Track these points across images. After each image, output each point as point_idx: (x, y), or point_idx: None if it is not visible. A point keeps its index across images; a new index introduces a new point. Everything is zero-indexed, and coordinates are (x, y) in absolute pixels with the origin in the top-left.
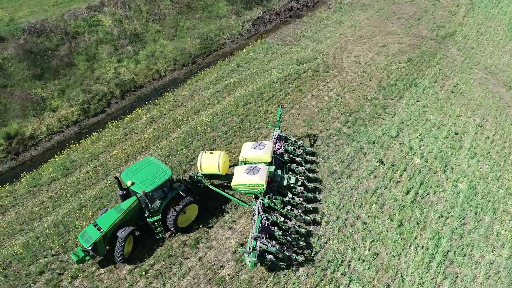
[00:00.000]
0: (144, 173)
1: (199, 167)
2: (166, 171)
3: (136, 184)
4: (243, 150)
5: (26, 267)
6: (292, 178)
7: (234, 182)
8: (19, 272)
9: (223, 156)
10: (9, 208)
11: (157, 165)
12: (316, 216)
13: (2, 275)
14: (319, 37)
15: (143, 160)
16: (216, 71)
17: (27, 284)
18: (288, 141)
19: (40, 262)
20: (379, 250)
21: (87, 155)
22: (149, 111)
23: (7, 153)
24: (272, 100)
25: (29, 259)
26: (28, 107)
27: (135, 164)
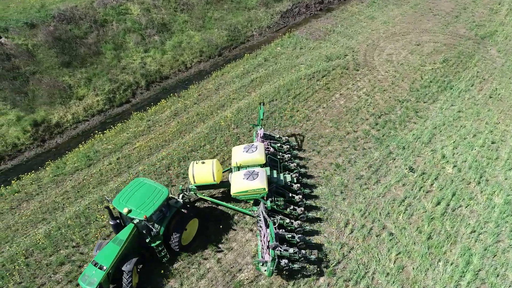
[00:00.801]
0: (139, 196)
1: (192, 179)
2: (162, 190)
3: (134, 210)
4: (234, 155)
5: (48, 257)
6: (288, 177)
7: (234, 190)
8: (41, 261)
9: (216, 164)
10: (33, 196)
11: (150, 185)
12: (339, 223)
13: (25, 264)
14: (350, 32)
15: (133, 182)
16: (243, 64)
17: (47, 275)
18: (273, 139)
19: (61, 253)
20: (405, 263)
21: (110, 146)
22: (173, 104)
23: (33, 139)
24: (299, 98)
25: (51, 250)
26: (55, 95)
27: (125, 189)
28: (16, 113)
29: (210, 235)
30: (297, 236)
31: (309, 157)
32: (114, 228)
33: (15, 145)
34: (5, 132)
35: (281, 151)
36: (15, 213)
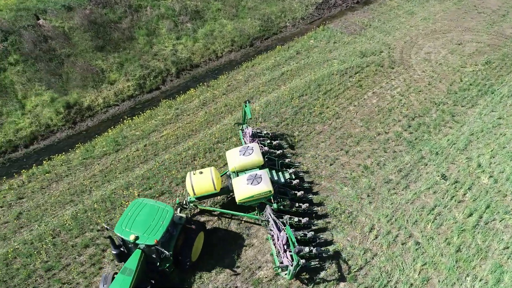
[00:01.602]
0: (142, 219)
1: (191, 191)
2: (166, 208)
3: (141, 236)
4: (230, 160)
5: (73, 238)
6: (286, 174)
7: (239, 197)
8: (67, 242)
9: (214, 171)
10: (62, 177)
11: (152, 205)
12: (364, 228)
13: (52, 243)
14: (387, 28)
15: (132, 205)
16: (274, 56)
17: (72, 256)
18: (261, 136)
19: (86, 235)
20: (430, 275)
21: (138, 133)
22: (202, 93)
23: (65, 121)
24: (330, 94)
25: (77, 231)
26: (88, 78)
27: (125, 213)
28: (51, 95)
29: (231, 230)
30: (309, 233)
31: (336, 157)
32: (117, 257)
33: (48, 125)
34: (39, 112)
35: (270, 147)
36: (45, 192)
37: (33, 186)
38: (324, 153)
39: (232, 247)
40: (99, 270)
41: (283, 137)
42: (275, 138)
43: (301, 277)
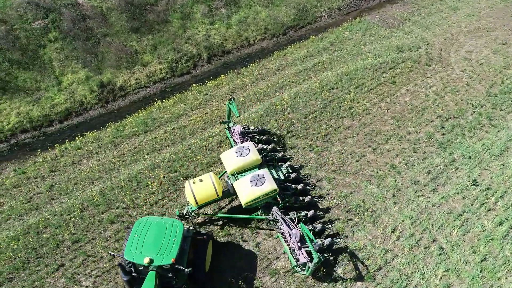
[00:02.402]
0: (152, 239)
1: (193, 200)
2: (175, 223)
3: (155, 257)
4: (227, 162)
5: (100, 214)
6: (284, 169)
7: (245, 200)
8: (93, 217)
9: (214, 177)
10: (93, 154)
11: (159, 222)
12: (386, 228)
13: (80, 217)
14: (428, 23)
15: (137, 225)
16: (307, 46)
17: (98, 230)
18: (250, 133)
19: (112, 212)
20: (452, 282)
21: (167, 115)
22: (232, 80)
23: (98, 100)
24: (361, 89)
25: (103, 207)
26: (122, 59)
27: (131, 236)
28: (86, 73)
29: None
30: (318, 226)
31: (363, 153)
32: (128, 284)
33: (82, 103)
34: (74, 89)
35: (261, 142)
36: (76, 168)
37: (65, 160)
38: (351, 149)
39: (252, 235)
40: (122, 246)
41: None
42: (262, 132)
43: (318, 272)
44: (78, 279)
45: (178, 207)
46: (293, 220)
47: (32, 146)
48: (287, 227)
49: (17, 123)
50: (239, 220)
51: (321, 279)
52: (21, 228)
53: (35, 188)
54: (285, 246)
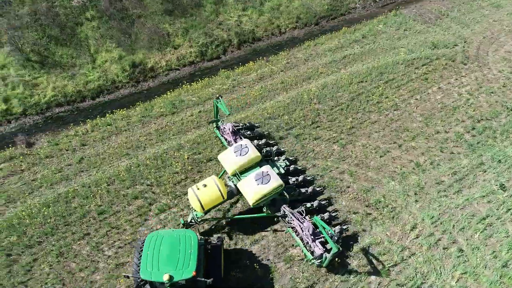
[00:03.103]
0: (167, 253)
1: (199, 207)
2: (187, 234)
3: (174, 273)
4: (227, 162)
5: (125, 189)
6: (282, 162)
7: (253, 200)
8: (119, 191)
9: (218, 180)
10: (121, 131)
11: (170, 235)
12: (405, 226)
13: (106, 190)
14: (467, 20)
15: (149, 240)
16: (338, 38)
17: (122, 204)
18: (240, 129)
19: (136, 188)
20: (469, 285)
21: (195, 98)
22: (260, 67)
23: (129, 79)
24: (391, 84)
25: (129, 183)
26: (154, 40)
27: (144, 253)
28: (119, 52)
29: None
30: (326, 215)
31: (388, 149)
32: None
33: (114, 81)
34: (107, 68)
35: (253, 138)
36: (105, 143)
37: (95, 135)
38: (376, 144)
39: (269, 222)
40: (144, 221)
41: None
42: (252, 127)
43: (333, 263)
44: (101, 248)
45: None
46: (302, 213)
47: (66, 120)
48: (297, 220)
49: (53, 97)
50: (245, 221)
51: (335, 270)
52: (51, 196)
53: (66, 160)
54: (297, 240)
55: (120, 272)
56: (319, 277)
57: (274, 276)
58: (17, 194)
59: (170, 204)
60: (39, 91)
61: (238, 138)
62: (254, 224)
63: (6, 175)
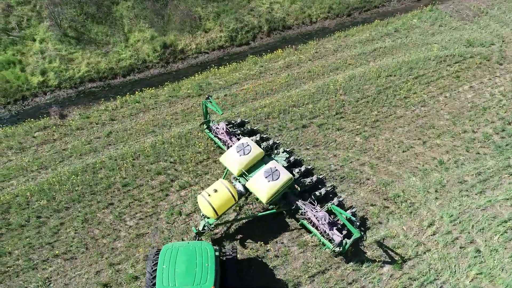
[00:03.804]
0: (183, 268)
1: (212, 213)
2: (203, 246)
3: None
4: (231, 163)
5: (149, 164)
6: (282, 155)
7: (267, 197)
8: (143, 166)
9: (226, 182)
10: (149, 109)
11: (186, 248)
12: (423, 222)
13: (131, 164)
14: (507, 18)
15: (164, 254)
16: (369, 30)
17: (146, 179)
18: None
19: (160, 164)
20: (483, 286)
21: (221, 82)
22: (288, 55)
23: (160, 59)
24: (421, 80)
25: (153, 159)
26: (186, 23)
27: (159, 268)
28: (151, 33)
29: None
30: (335, 201)
31: (411, 145)
32: None
33: (145, 61)
34: (139, 47)
35: (245, 134)
36: (133, 119)
37: (124, 111)
38: (399, 139)
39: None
40: (165, 196)
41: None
42: (242, 124)
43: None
44: (123, 218)
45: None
46: (313, 203)
47: (97, 95)
48: (310, 211)
49: (86, 72)
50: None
51: (348, 259)
52: (80, 166)
53: (95, 133)
54: (313, 231)
55: (140, 242)
56: (331, 264)
57: (287, 258)
58: (49, 162)
59: (191, 182)
60: (74, 66)
61: (233, 137)
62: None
63: (40, 143)
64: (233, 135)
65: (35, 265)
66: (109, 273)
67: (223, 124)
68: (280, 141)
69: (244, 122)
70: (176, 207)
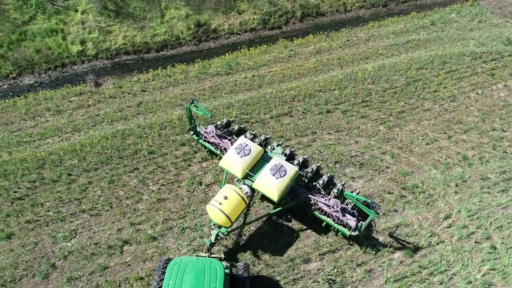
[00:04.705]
0: (190, 286)
1: (226, 221)
2: (213, 265)
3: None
4: (234, 166)
5: (174, 135)
6: (278, 149)
7: (278, 194)
8: (169, 137)
9: (233, 186)
10: (179, 84)
11: (195, 264)
12: (439, 214)
13: (158, 133)
14: None
15: (171, 268)
16: (404, 22)
17: (170, 148)
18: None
19: (184, 136)
20: (495, 282)
21: (250, 63)
22: (319, 42)
23: (193, 37)
24: (453, 75)
25: (178, 130)
26: (220, 3)
27: (165, 282)
28: (187, 11)
29: None
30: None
31: (436, 138)
32: None
33: (178, 38)
34: (174, 24)
35: (233, 134)
36: (162, 92)
37: (155, 84)
38: (424, 131)
39: None
40: (188, 166)
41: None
42: (228, 124)
43: None
44: (147, 183)
45: None
46: (320, 192)
47: (131, 67)
48: (323, 200)
49: (122, 45)
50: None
51: (359, 241)
52: (110, 131)
53: (127, 102)
54: (326, 220)
55: (160, 206)
56: (342, 244)
57: (299, 235)
58: (82, 125)
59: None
60: (111, 38)
61: (225, 139)
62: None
63: (75, 107)
64: (224, 137)
65: (64, 217)
66: (130, 231)
67: (211, 127)
68: (270, 136)
69: (230, 122)
70: (197, 177)
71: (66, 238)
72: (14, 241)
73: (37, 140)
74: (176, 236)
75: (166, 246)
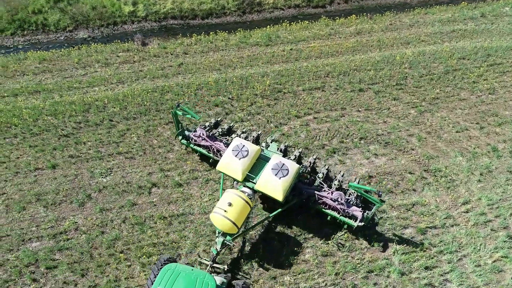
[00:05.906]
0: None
1: (233, 228)
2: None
3: None
4: (233, 169)
5: (209, 96)
6: (273, 145)
7: (282, 194)
8: (204, 97)
9: (235, 191)
10: (219, 50)
11: (188, 275)
12: (458, 198)
13: (194, 93)
14: None
15: (164, 273)
16: (453, 11)
17: (204, 107)
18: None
19: (219, 98)
20: (505, 268)
21: (290, 37)
22: (361, 23)
23: (237, 8)
24: (496, 68)
25: (213, 92)
26: None
27: (155, 285)
28: None
29: None
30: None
31: (467, 127)
32: None
33: (223, 7)
34: None
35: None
36: (203, 56)
37: (196, 48)
38: (456, 119)
39: None
40: None
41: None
42: (217, 124)
43: None
44: None
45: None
46: (322, 186)
47: (176, 31)
48: (324, 193)
49: (170, 9)
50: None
51: (373, 217)
52: (151, 86)
53: (169, 62)
54: (331, 214)
55: (188, 158)
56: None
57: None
58: (126, 78)
59: (244, 119)
60: (161, 2)
61: (217, 140)
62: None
63: (122, 62)
64: (216, 138)
65: (102, 156)
66: (159, 176)
67: (201, 129)
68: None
69: (218, 121)
70: None
71: (102, 174)
72: (58, 171)
73: (85, 87)
74: (200, 185)
75: (190, 193)
